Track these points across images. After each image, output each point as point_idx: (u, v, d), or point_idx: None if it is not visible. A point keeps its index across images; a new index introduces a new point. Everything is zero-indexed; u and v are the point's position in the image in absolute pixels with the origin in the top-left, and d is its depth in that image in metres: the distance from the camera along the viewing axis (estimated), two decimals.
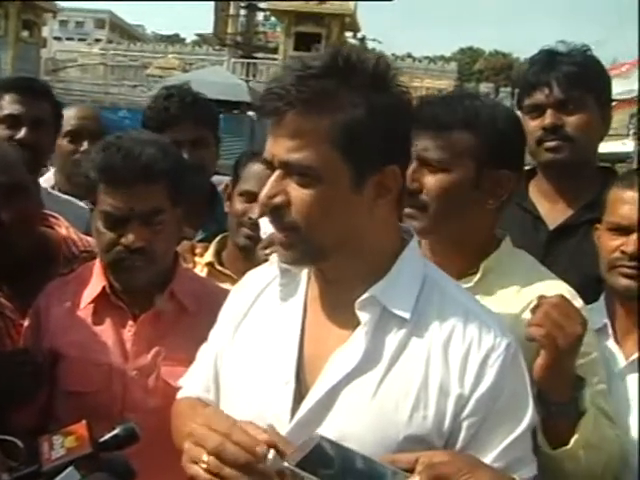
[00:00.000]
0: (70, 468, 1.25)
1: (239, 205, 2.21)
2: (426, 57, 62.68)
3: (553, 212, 2.22)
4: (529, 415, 1.29)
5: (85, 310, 1.89)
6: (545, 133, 2.15)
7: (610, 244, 1.81)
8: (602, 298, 1.89)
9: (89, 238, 2.20)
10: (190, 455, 1.24)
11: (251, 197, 2.14)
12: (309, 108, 1.19)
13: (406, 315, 1.27)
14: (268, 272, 1.46)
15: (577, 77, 2.14)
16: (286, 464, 1.12)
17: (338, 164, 1.20)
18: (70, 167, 2.92)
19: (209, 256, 2.31)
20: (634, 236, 1.76)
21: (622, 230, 1.79)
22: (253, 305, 1.45)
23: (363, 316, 1.27)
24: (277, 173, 1.23)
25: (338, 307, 1.32)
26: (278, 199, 1.23)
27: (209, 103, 2.92)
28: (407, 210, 1.59)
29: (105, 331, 1.86)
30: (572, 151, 2.15)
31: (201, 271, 2.26)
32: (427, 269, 1.36)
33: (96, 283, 1.89)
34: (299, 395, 1.30)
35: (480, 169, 1.63)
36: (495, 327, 1.30)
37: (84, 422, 1.34)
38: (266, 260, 1.71)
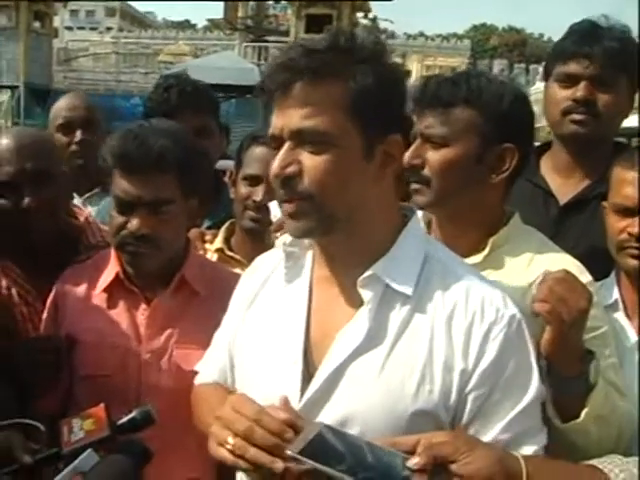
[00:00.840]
0: (89, 450, 1.28)
1: (243, 189, 2.23)
2: (439, 35, 62.14)
3: (564, 187, 2.21)
4: (535, 387, 1.30)
5: (100, 295, 1.93)
6: (575, 105, 2.12)
7: (616, 225, 1.80)
8: (613, 274, 1.89)
9: (106, 229, 2.24)
10: (217, 438, 1.26)
11: (254, 181, 2.16)
12: (319, 77, 1.22)
13: (408, 291, 1.29)
14: (275, 256, 1.48)
15: (617, 54, 2.10)
16: (289, 452, 1.14)
17: (350, 130, 1.24)
18: (67, 161, 2.92)
19: (218, 242, 2.33)
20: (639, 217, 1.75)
21: (627, 211, 1.78)
22: (262, 289, 1.48)
23: (366, 294, 1.29)
24: (288, 144, 1.26)
25: (342, 286, 1.34)
26: (291, 169, 1.25)
27: (209, 90, 2.93)
28: (413, 185, 1.64)
29: (119, 315, 1.90)
30: (597, 128, 2.12)
31: (211, 257, 2.29)
32: (429, 245, 1.37)
33: (110, 269, 1.93)
34: (307, 374, 1.32)
35: (484, 144, 1.64)
36: (498, 300, 1.31)
37: (102, 405, 1.37)
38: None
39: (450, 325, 1.28)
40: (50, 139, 2.17)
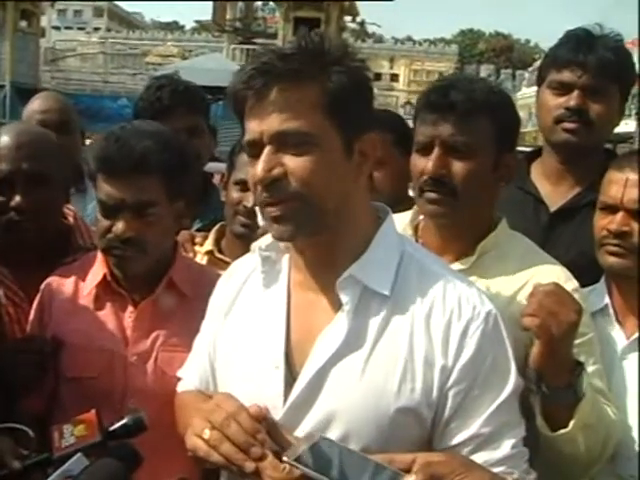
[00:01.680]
0: (78, 454, 1.27)
1: (234, 194, 2.22)
2: (426, 40, 62.41)
3: (555, 194, 2.21)
4: (512, 380, 1.32)
5: (87, 297, 1.92)
6: (567, 113, 2.12)
7: (599, 223, 1.82)
8: (603, 279, 1.90)
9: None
10: (194, 428, 1.29)
11: (246, 186, 2.15)
12: (296, 79, 1.24)
13: (386, 291, 1.30)
14: (251, 261, 1.48)
15: (610, 64, 2.11)
16: (285, 458, 1.14)
17: (330, 130, 1.26)
18: None
19: (209, 245, 2.33)
20: (620, 214, 1.77)
21: (609, 209, 1.80)
22: (239, 294, 1.48)
23: (344, 296, 1.30)
24: (269, 148, 1.26)
25: (321, 289, 1.35)
26: (276, 171, 1.25)
27: (199, 90, 2.93)
28: (431, 195, 1.64)
29: (106, 317, 1.89)
30: (588, 136, 2.14)
31: (201, 260, 2.28)
32: (404, 245, 1.38)
33: (97, 271, 1.92)
34: (290, 378, 1.33)
35: (498, 153, 1.66)
36: (474, 297, 1.33)
37: (94, 411, 1.36)
38: None
39: (429, 323, 1.30)
40: (52, 139, 2.14)
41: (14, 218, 1.94)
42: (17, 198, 1.93)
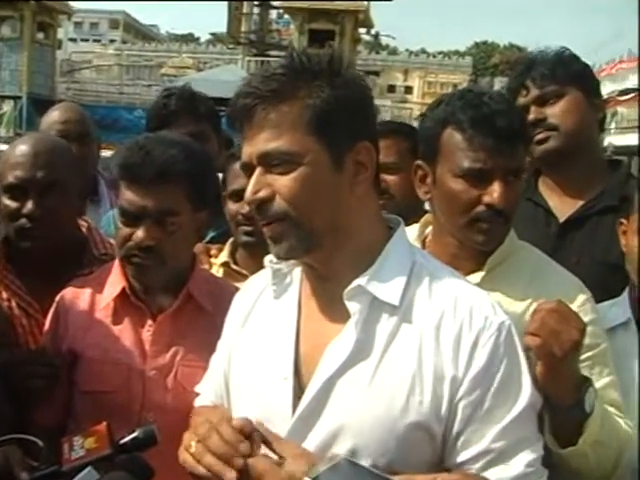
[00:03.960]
0: (89, 468, 1.26)
1: (231, 206, 2.23)
2: (440, 52, 62.51)
3: (562, 205, 2.25)
4: (527, 394, 1.30)
5: (104, 310, 1.90)
6: (532, 129, 2.19)
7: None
8: (626, 292, 1.86)
9: (111, 240, 2.22)
10: (184, 442, 1.32)
11: (240, 195, 2.15)
12: (277, 100, 1.26)
13: (395, 302, 1.29)
14: (265, 275, 1.48)
15: (551, 73, 2.22)
16: (305, 478, 1.14)
17: (314, 146, 1.26)
18: None
19: (224, 256, 2.32)
20: None
21: None
22: (253, 308, 1.48)
23: (352, 306, 1.29)
24: (258, 170, 1.28)
25: (331, 302, 1.34)
26: (263, 192, 1.27)
27: (208, 99, 2.97)
28: (487, 226, 1.62)
29: (124, 331, 1.87)
30: (560, 139, 2.20)
31: (217, 272, 2.27)
32: (415, 256, 1.37)
33: (115, 283, 1.90)
34: (299, 390, 1.32)
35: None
36: (486, 307, 1.31)
37: (104, 424, 1.35)
38: None
39: (438, 334, 1.28)
40: (69, 150, 2.15)
41: (25, 225, 1.95)
42: (29, 205, 1.94)
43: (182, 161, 1.79)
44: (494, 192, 1.59)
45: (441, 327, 1.28)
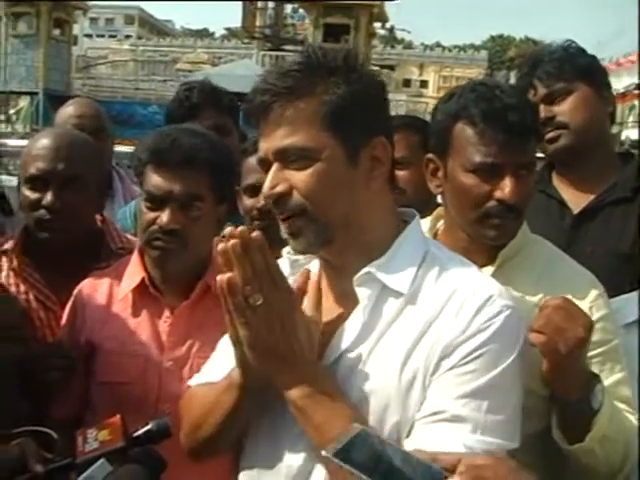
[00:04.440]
0: (102, 460, 1.26)
1: (246, 201, 2.23)
2: (456, 46, 62.20)
3: (576, 198, 2.25)
4: (504, 380, 1.24)
5: (122, 302, 1.92)
6: (542, 128, 2.18)
7: None
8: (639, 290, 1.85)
9: (128, 236, 2.24)
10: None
11: (254, 190, 2.15)
12: (293, 96, 1.27)
13: (404, 290, 1.29)
14: (282, 266, 1.46)
15: (557, 70, 2.21)
16: (324, 452, 1.11)
17: (330, 141, 1.27)
18: None
19: None
20: None
21: None
22: None
23: (362, 292, 1.30)
24: (275, 166, 1.29)
25: (345, 293, 1.35)
26: (280, 187, 1.28)
27: (228, 93, 2.98)
28: (499, 221, 1.60)
29: (141, 323, 1.89)
30: (571, 136, 2.20)
31: None
32: (428, 246, 1.37)
33: (134, 274, 1.92)
34: None
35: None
36: (493, 289, 1.29)
37: (118, 416, 1.35)
38: None
39: (441, 311, 1.27)
40: (90, 144, 2.18)
41: (44, 216, 1.98)
42: (49, 197, 1.97)
43: (207, 150, 1.83)
44: (505, 187, 1.57)
45: (445, 306, 1.27)
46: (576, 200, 2.25)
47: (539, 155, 2.43)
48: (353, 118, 1.28)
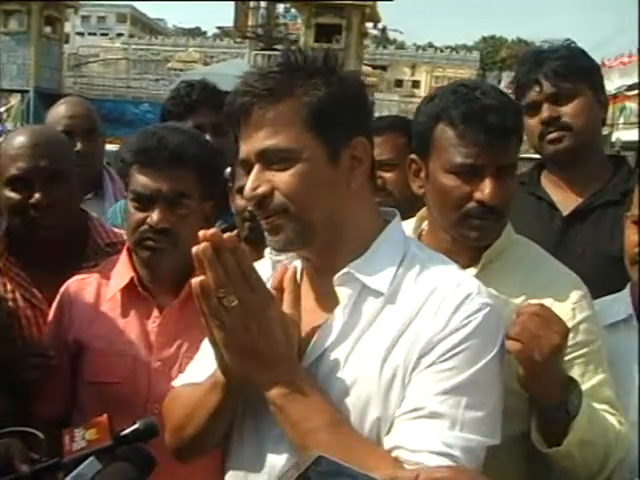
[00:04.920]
0: (91, 458, 1.26)
1: (239, 201, 2.23)
2: (448, 46, 62.29)
3: (566, 199, 2.26)
4: (471, 372, 1.24)
5: (110, 302, 1.91)
6: (545, 127, 2.21)
7: (632, 238, 1.78)
8: (628, 288, 1.86)
9: (115, 230, 2.24)
10: None
11: None
12: (273, 98, 1.28)
13: (383, 289, 1.30)
14: (264, 266, 1.46)
15: (564, 69, 2.20)
16: None
17: (311, 142, 1.28)
18: None
19: None
20: None
21: None
22: None
23: (342, 292, 1.31)
24: (256, 167, 1.30)
25: (326, 293, 1.35)
26: (262, 188, 1.29)
27: (227, 93, 2.96)
28: (478, 222, 1.61)
29: (130, 322, 1.88)
30: (573, 138, 2.20)
31: None
32: (409, 246, 1.37)
33: (123, 274, 1.91)
34: None
35: None
36: (472, 287, 1.30)
37: (105, 416, 1.35)
38: None
39: (420, 310, 1.27)
40: (65, 140, 2.20)
41: (33, 215, 1.97)
42: (37, 195, 1.96)
43: (193, 147, 1.84)
44: (485, 188, 1.58)
45: (425, 304, 1.28)
46: (565, 202, 2.25)
47: (528, 156, 2.45)
48: (334, 119, 1.29)
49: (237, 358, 1.23)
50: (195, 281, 1.19)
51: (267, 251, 1.44)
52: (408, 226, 1.72)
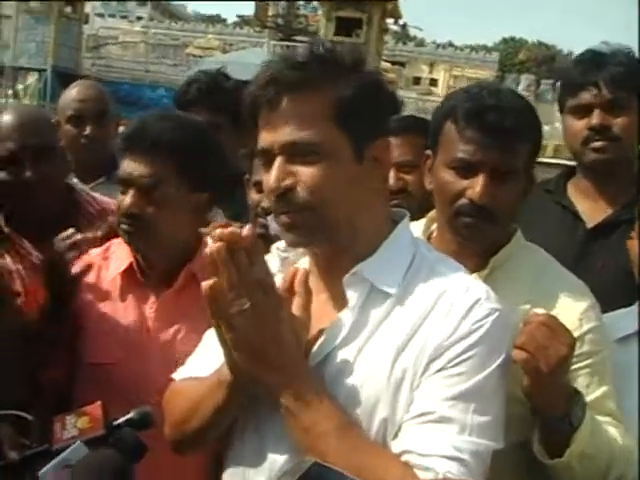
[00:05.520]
0: (78, 442, 1.23)
1: (254, 195, 2.24)
2: (468, 46, 62.05)
3: (592, 211, 2.23)
4: (479, 378, 1.24)
5: (109, 284, 1.93)
6: (592, 133, 2.16)
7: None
8: (637, 303, 1.83)
9: (105, 198, 2.27)
10: None
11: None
12: (304, 90, 1.25)
13: (392, 290, 1.29)
14: (271, 262, 1.44)
15: (624, 78, 2.15)
16: None
17: (339, 139, 1.27)
18: (76, 153, 2.73)
19: None
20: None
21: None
22: None
23: (350, 293, 1.30)
24: (280, 159, 1.27)
25: (333, 291, 1.35)
26: (287, 182, 1.27)
27: (230, 92, 2.93)
28: (469, 220, 1.61)
29: (128, 306, 1.90)
30: (617, 152, 2.17)
31: None
32: (418, 247, 1.37)
33: (123, 258, 1.93)
34: None
35: (530, 170, 1.68)
36: (481, 292, 1.30)
37: (99, 403, 1.33)
38: None
39: (429, 314, 1.27)
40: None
41: (25, 193, 2.00)
42: (28, 173, 1.99)
43: (173, 133, 1.83)
44: (477, 186, 1.58)
45: (434, 308, 1.27)
46: (591, 213, 2.22)
47: (555, 162, 2.39)
48: (362, 117, 1.28)
49: (247, 359, 1.21)
50: (206, 284, 1.18)
51: (274, 246, 1.42)
52: (418, 227, 1.71)
